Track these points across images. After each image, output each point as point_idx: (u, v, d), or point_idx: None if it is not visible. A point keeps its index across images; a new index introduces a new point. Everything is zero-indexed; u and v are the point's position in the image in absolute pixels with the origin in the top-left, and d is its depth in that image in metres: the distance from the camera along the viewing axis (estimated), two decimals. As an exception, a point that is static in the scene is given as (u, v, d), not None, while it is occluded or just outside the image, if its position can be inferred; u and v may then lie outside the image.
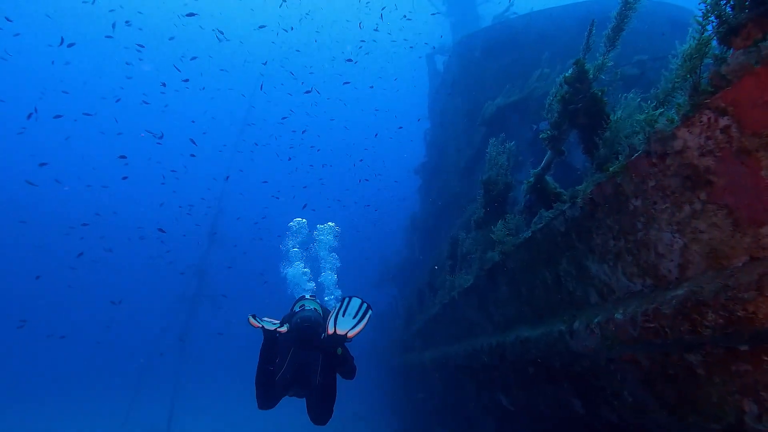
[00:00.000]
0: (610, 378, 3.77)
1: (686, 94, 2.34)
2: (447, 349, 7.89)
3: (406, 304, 16.24)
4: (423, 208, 21.13)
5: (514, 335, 4.74)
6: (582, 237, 3.60)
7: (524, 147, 10.42)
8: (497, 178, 5.68)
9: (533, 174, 4.46)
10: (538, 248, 4.19)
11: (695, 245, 2.64)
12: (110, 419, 24.23)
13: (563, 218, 3.74)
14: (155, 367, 27.10)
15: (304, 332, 4.77)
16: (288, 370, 4.86)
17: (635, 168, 2.86)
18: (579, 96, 3.62)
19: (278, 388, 4.78)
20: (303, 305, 5.29)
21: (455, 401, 8.74)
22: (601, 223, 3.35)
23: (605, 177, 3.11)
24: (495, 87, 13.19)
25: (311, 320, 4.83)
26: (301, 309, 5.15)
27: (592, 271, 3.62)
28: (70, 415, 26.32)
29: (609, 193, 3.15)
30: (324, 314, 5.30)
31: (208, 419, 25.59)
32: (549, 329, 4.08)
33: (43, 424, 24.62)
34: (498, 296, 5.42)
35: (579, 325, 3.60)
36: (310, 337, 4.79)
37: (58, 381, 39.56)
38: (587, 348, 3.59)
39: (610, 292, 3.53)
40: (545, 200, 4.38)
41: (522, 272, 4.63)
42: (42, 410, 27.74)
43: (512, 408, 6.26)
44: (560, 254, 3.94)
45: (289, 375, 4.85)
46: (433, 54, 22.68)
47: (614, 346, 3.27)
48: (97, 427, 23.90)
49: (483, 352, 5.72)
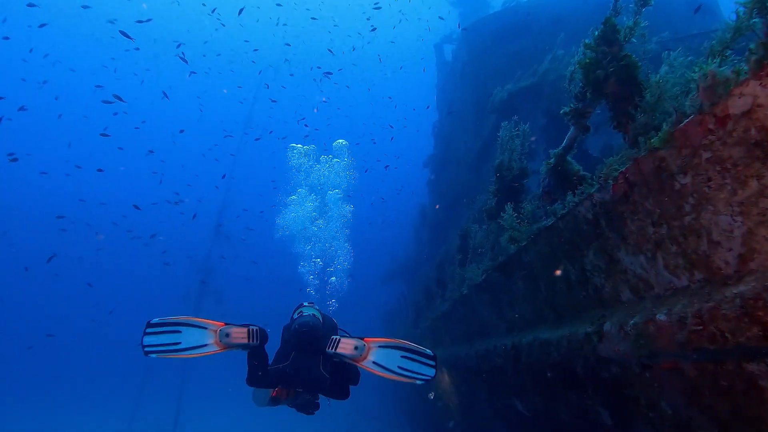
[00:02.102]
0: (646, 387, 3.27)
1: (760, 38, 1.82)
2: (457, 350, 7.40)
3: (414, 301, 15.77)
4: (432, 202, 20.60)
5: (532, 336, 4.24)
6: (613, 224, 3.09)
7: (537, 134, 9.87)
8: (511, 162, 5.16)
9: (553, 154, 3.94)
10: (560, 238, 3.68)
11: (763, 230, 2.13)
12: (117, 418, 24.10)
13: (590, 203, 3.23)
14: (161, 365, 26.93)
15: (301, 336, 4.62)
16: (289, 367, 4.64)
17: (685, 137, 2.35)
18: (608, 60, 3.10)
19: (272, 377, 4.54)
20: (301, 312, 5.18)
21: (466, 404, 8.26)
22: (637, 207, 2.84)
23: (645, 151, 2.60)
24: (505, 74, 12.63)
25: (309, 324, 4.67)
26: (299, 315, 5.06)
27: (625, 263, 3.11)
28: (76, 415, 26.32)
29: (649, 170, 2.64)
30: (323, 320, 5.12)
31: (214, 416, 25.42)
32: (573, 331, 3.57)
33: (50, 424, 24.58)
34: (513, 293, 4.92)
35: (610, 327, 3.10)
36: (309, 341, 4.62)
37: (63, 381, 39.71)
38: (619, 353, 3.08)
39: (646, 288, 3.02)
40: (567, 184, 3.86)
41: (541, 266, 4.12)
42: (48, 410, 27.75)
43: (528, 414, 5.77)
44: (586, 245, 3.43)
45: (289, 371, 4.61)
46: (441, 44, 22.01)
47: (653, 352, 2.77)
48: (104, 426, 23.82)
49: (496, 353, 5.22)
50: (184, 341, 3.93)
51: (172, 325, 3.91)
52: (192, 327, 3.97)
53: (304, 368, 4.63)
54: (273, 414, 11.62)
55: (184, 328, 3.95)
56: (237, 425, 23.68)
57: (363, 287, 44.59)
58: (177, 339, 3.92)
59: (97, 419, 25.20)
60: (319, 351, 4.53)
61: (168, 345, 3.88)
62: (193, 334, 3.96)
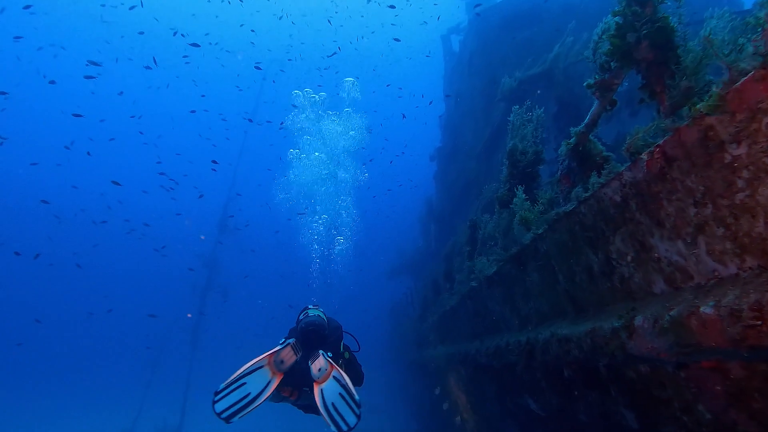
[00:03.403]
0: (680, 388, 2.94)
1: None
2: (466, 346, 7.08)
3: (421, 295, 15.46)
4: (439, 195, 20.24)
5: (549, 332, 3.91)
6: (646, 206, 2.75)
7: (548, 122, 9.50)
8: (525, 147, 4.80)
9: (574, 133, 3.58)
10: (582, 224, 3.34)
11: (839, 206, 1.79)
12: (123, 414, 24.02)
13: (619, 183, 2.89)
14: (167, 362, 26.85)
15: (308, 335, 4.84)
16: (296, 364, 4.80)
17: (740, 99, 2.00)
18: (641, 22, 2.75)
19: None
20: (306, 313, 5.36)
21: (475, 402, 7.95)
22: (676, 186, 2.49)
23: (689, 119, 2.25)
24: (514, 63, 12.24)
25: (315, 324, 4.91)
26: (305, 316, 5.24)
27: (660, 250, 2.77)
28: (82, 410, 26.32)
29: (693, 141, 2.29)
30: (327, 320, 5.32)
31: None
32: (597, 326, 3.24)
33: (56, 419, 24.57)
34: (527, 286, 4.59)
35: (643, 322, 2.76)
36: (315, 339, 4.85)
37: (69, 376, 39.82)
38: (653, 350, 2.75)
39: (684, 278, 2.68)
40: (589, 166, 3.51)
41: (559, 256, 3.78)
42: (54, 406, 27.77)
43: (542, 413, 5.45)
44: (612, 231, 3.09)
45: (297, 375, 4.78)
46: (448, 34, 21.54)
47: (696, 349, 2.43)
48: (110, 422, 23.76)
49: (508, 350, 4.90)
50: (252, 389, 4.06)
51: (234, 383, 4.01)
52: (251, 374, 4.10)
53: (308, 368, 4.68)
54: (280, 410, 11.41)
55: (246, 378, 4.08)
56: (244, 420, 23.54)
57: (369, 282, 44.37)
58: (245, 391, 4.04)
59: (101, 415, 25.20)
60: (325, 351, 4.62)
61: (240, 401, 3.99)
62: (255, 378, 4.11)
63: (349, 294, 44.33)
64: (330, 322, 5.34)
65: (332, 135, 10.42)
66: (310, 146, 11.02)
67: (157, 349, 25.83)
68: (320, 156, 8.99)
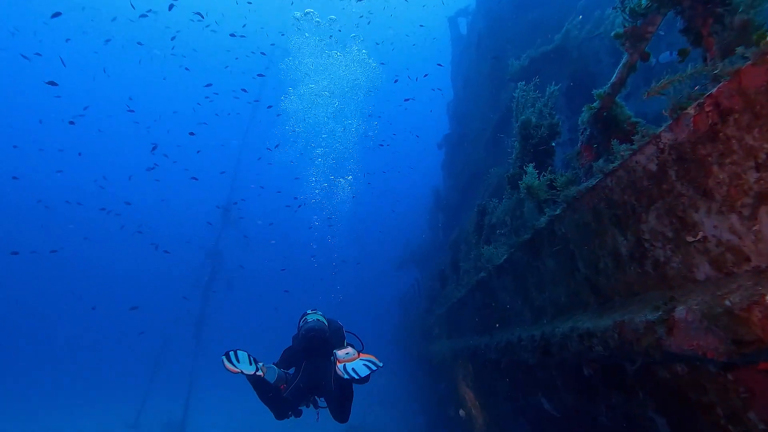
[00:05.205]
0: (726, 392, 2.48)
1: None
2: (475, 341, 6.63)
3: (428, 287, 15.03)
4: (447, 184, 19.73)
5: (568, 326, 3.45)
6: (689, 174, 2.27)
7: (561, 102, 8.98)
8: (539, 119, 4.31)
9: (598, 96, 3.09)
10: (608, 201, 2.86)
11: None
12: (127, 407, 23.94)
13: (656, 148, 2.40)
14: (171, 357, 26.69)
15: (310, 341, 4.96)
16: (302, 380, 5.06)
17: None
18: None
19: (289, 403, 4.91)
20: (306, 319, 5.49)
21: (484, 399, 7.52)
22: (731, 145, 2.01)
23: (754, 56, 1.76)
24: (524, 45, 11.70)
25: (315, 329, 5.02)
26: (304, 323, 5.36)
27: (705, 228, 2.29)
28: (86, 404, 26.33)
29: (757, 87, 1.80)
30: (328, 323, 5.42)
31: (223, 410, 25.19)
32: (626, 318, 2.77)
33: (58, 417, 24.55)
34: (542, 274, 4.12)
35: (685, 314, 2.29)
36: (317, 344, 4.97)
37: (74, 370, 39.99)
38: (698, 348, 2.28)
39: (738, 260, 2.20)
40: (616, 134, 3.02)
41: (580, 238, 3.31)
42: (56, 404, 27.81)
43: (557, 414, 5.01)
44: (645, 207, 2.61)
45: (303, 385, 5.03)
46: (456, 17, 20.85)
47: (758, 348, 1.96)
48: (114, 415, 23.70)
49: (521, 345, 4.44)
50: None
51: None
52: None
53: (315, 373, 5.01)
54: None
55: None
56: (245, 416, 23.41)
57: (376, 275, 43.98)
58: None
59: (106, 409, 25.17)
60: (329, 354, 4.86)
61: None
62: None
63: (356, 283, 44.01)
64: (331, 324, 5.43)
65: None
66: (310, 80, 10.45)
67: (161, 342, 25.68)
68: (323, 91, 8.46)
